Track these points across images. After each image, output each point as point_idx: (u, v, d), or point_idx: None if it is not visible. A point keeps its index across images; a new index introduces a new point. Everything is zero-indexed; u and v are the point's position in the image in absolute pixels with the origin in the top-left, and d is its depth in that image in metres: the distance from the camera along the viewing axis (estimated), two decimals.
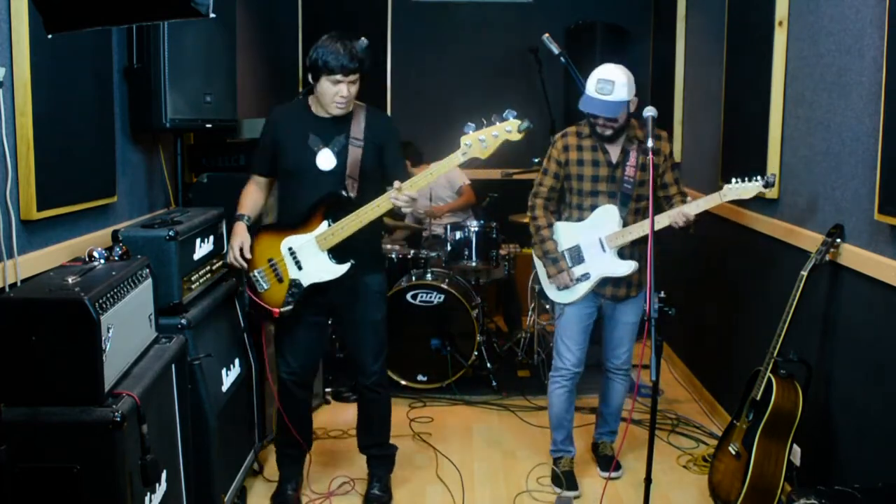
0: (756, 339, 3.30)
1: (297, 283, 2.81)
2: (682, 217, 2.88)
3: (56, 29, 1.62)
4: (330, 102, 2.74)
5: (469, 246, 4.46)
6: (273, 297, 2.83)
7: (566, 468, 3.24)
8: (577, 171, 3.10)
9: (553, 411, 3.27)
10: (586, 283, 3.09)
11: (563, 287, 3.12)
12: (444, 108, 5.78)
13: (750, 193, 2.78)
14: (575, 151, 3.10)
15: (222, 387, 2.81)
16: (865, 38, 2.46)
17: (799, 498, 1.93)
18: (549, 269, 3.13)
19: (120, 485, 1.88)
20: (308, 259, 2.81)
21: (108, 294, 1.98)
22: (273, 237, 2.83)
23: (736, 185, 2.79)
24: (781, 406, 2.64)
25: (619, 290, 3.14)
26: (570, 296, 3.13)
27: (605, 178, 3.06)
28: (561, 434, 3.28)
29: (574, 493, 3.15)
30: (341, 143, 2.82)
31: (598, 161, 3.07)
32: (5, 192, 2.20)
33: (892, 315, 2.34)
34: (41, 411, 1.87)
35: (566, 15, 5.48)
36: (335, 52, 2.66)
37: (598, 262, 3.07)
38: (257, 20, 5.09)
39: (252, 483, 3.22)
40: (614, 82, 2.92)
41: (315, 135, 2.82)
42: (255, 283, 2.84)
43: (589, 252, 3.08)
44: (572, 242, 3.11)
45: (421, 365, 4.22)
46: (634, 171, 3.02)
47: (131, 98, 3.03)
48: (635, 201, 3.06)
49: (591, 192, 3.08)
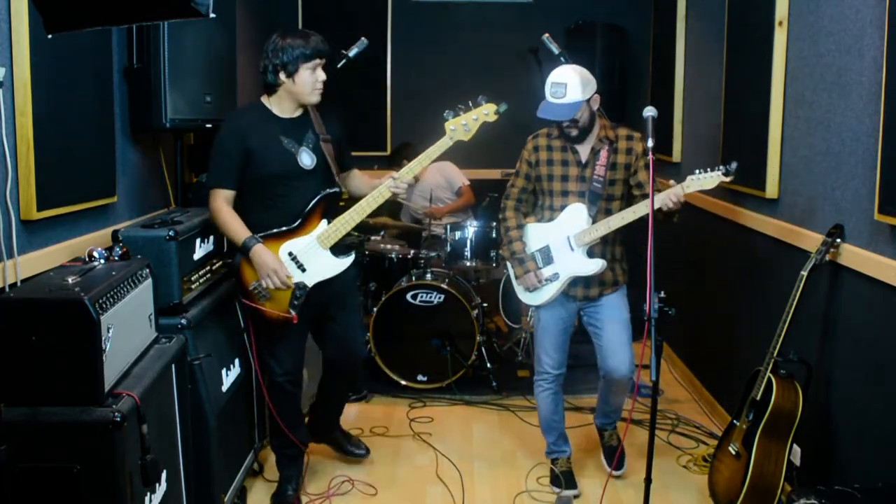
0: (756, 339, 3.30)
1: (301, 286, 2.82)
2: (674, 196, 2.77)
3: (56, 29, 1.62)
4: (311, 91, 2.78)
5: (469, 246, 4.46)
6: (277, 305, 2.83)
7: (564, 468, 3.24)
8: (547, 171, 3.11)
9: (541, 414, 3.27)
10: (556, 283, 3.06)
11: (532, 288, 3.10)
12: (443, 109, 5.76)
13: (712, 183, 2.75)
14: (545, 152, 3.12)
15: (222, 387, 2.81)
16: (865, 38, 2.46)
17: (799, 498, 1.93)
18: (517, 270, 3.12)
19: (120, 485, 1.88)
20: (310, 260, 2.83)
21: (108, 294, 1.98)
22: (269, 245, 2.80)
23: (697, 176, 2.76)
24: (781, 406, 2.64)
25: (591, 291, 3.10)
26: (540, 297, 3.11)
27: (574, 178, 3.07)
28: (552, 436, 3.28)
29: (573, 491, 3.15)
30: (312, 140, 2.86)
31: (567, 161, 3.08)
32: (5, 192, 2.21)
33: (892, 315, 2.34)
34: (41, 411, 1.87)
35: (566, 15, 5.47)
36: (305, 41, 2.72)
37: (567, 262, 3.05)
38: (257, 20, 5.09)
39: (252, 483, 3.22)
40: (566, 84, 2.92)
41: (285, 136, 2.82)
42: (258, 296, 2.82)
43: (558, 252, 3.06)
44: (542, 243, 3.10)
45: (421, 365, 4.22)
46: (604, 171, 3.01)
47: (131, 98, 3.03)
48: (605, 201, 3.04)
49: (561, 191, 3.09)
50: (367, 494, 3.17)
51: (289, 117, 2.86)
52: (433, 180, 5.12)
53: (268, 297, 2.83)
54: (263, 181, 2.82)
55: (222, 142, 2.80)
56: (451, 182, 5.15)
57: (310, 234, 2.82)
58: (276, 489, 3.11)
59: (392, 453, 3.54)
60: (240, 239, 2.77)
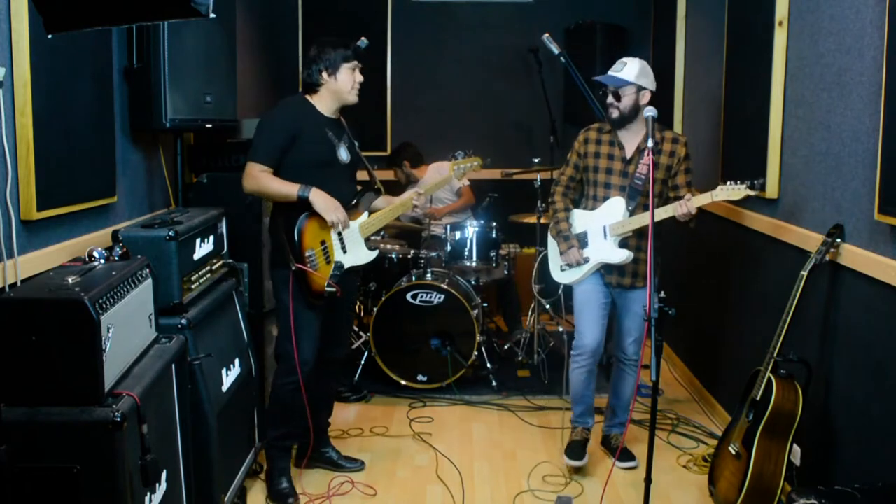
0: (756, 339, 3.30)
1: (339, 266, 3.01)
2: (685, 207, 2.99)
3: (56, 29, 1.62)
4: (351, 90, 3.03)
5: (469, 246, 4.46)
6: (320, 277, 2.94)
7: (577, 437, 3.42)
8: (594, 163, 3.32)
9: (573, 389, 3.44)
10: (585, 266, 3.30)
11: (575, 263, 3.31)
12: (444, 109, 5.79)
13: (739, 195, 2.92)
14: (594, 145, 3.33)
15: (222, 387, 2.81)
16: (865, 38, 2.46)
17: (799, 498, 1.93)
18: (562, 246, 3.36)
19: (120, 485, 1.88)
20: (351, 244, 3.07)
21: (108, 294, 1.98)
22: (324, 222, 2.95)
23: (728, 187, 2.95)
24: (781, 406, 2.64)
25: (624, 279, 3.29)
26: (572, 276, 3.36)
27: (617, 173, 3.27)
28: (580, 408, 3.46)
29: (579, 462, 3.30)
30: (347, 141, 3.12)
31: (613, 155, 3.29)
32: (5, 192, 2.21)
33: (892, 315, 2.34)
34: (41, 411, 1.87)
35: (566, 15, 5.48)
36: (345, 45, 2.98)
37: (599, 248, 3.27)
38: (257, 20, 5.09)
39: (252, 483, 3.21)
40: (627, 63, 3.20)
41: (329, 130, 3.03)
42: (310, 263, 2.93)
43: (593, 238, 3.29)
44: (582, 228, 3.34)
45: (421, 365, 4.22)
46: (646, 169, 3.16)
47: (131, 98, 3.03)
48: (644, 197, 3.17)
49: (604, 183, 3.30)
50: (367, 495, 3.16)
51: (330, 116, 3.06)
52: (432, 180, 5.11)
53: (316, 268, 2.94)
54: (307, 165, 2.94)
55: (273, 121, 2.97)
56: (451, 182, 5.15)
57: (355, 221, 3.08)
58: (271, 485, 3.10)
59: (392, 453, 3.54)
60: (293, 191, 2.88)
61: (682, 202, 3.00)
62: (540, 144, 5.34)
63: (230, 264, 3.17)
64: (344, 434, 3.70)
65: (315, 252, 2.94)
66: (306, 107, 3.02)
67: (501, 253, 4.57)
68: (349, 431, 3.74)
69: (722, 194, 2.94)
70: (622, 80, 3.15)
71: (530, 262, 4.92)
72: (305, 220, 2.92)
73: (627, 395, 3.44)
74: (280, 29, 5.61)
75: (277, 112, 3.02)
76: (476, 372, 4.34)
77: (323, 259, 2.97)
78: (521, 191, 4.99)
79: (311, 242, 2.94)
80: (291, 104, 3.05)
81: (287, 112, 2.99)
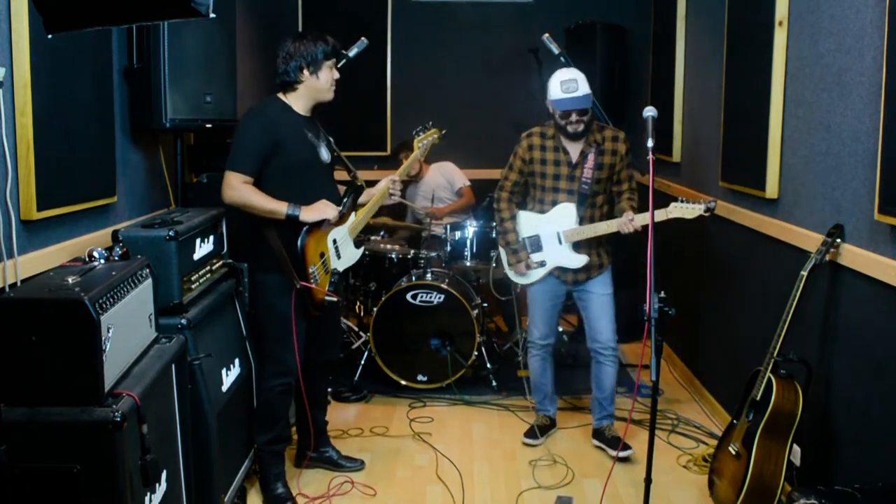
0: (756, 339, 3.30)
1: (336, 272, 3.05)
2: (631, 227, 3.19)
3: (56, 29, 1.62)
4: (329, 88, 2.96)
5: (469, 246, 4.46)
6: (320, 290, 2.95)
7: (539, 422, 3.67)
8: (539, 169, 3.42)
9: (532, 377, 3.71)
10: (542, 269, 3.47)
11: (521, 274, 3.52)
12: (444, 108, 5.78)
13: (693, 214, 3.11)
14: (538, 151, 3.42)
15: (222, 387, 2.81)
16: (865, 38, 2.46)
17: (799, 498, 1.93)
18: (510, 258, 3.52)
19: (120, 485, 1.88)
20: (344, 248, 3.09)
21: (108, 294, 1.98)
22: (320, 233, 2.95)
23: (681, 205, 3.12)
24: (781, 406, 2.64)
25: (579, 275, 3.46)
26: (527, 279, 3.52)
27: (565, 177, 3.39)
28: (539, 395, 3.71)
29: (535, 441, 3.57)
30: (324, 138, 3.07)
31: (559, 161, 3.39)
32: (5, 192, 2.21)
33: (892, 315, 2.34)
34: (41, 411, 1.87)
35: (566, 15, 5.47)
36: (325, 41, 2.90)
37: (555, 253, 3.44)
38: (257, 20, 5.09)
39: (252, 483, 3.21)
40: (577, 80, 3.23)
41: (308, 131, 2.97)
42: (313, 279, 2.92)
43: (547, 242, 3.45)
44: (533, 231, 3.47)
45: (421, 365, 4.22)
46: (591, 172, 3.33)
47: (131, 98, 3.03)
48: (592, 197, 3.38)
49: (552, 188, 3.42)
50: (367, 495, 3.16)
51: (305, 115, 3.00)
52: (434, 181, 5.12)
53: (317, 281, 2.94)
54: (290, 170, 2.89)
55: (249, 128, 2.84)
56: (452, 182, 5.16)
57: (345, 224, 3.08)
58: (267, 491, 3.06)
59: (392, 453, 3.54)
60: (281, 209, 2.81)
61: (627, 222, 3.18)
62: None
63: (230, 264, 3.17)
64: (344, 434, 3.70)
65: (317, 266, 2.94)
66: (280, 107, 2.92)
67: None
68: (349, 431, 3.74)
69: (675, 212, 3.11)
70: (587, 96, 3.24)
71: None
72: (306, 237, 2.87)
73: (609, 386, 3.52)
74: (280, 29, 5.60)
75: (256, 116, 2.88)
76: (476, 372, 4.34)
77: (323, 271, 2.98)
78: None
79: (313, 258, 2.93)
80: (269, 106, 2.92)
81: (266, 116, 2.87)
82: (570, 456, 3.49)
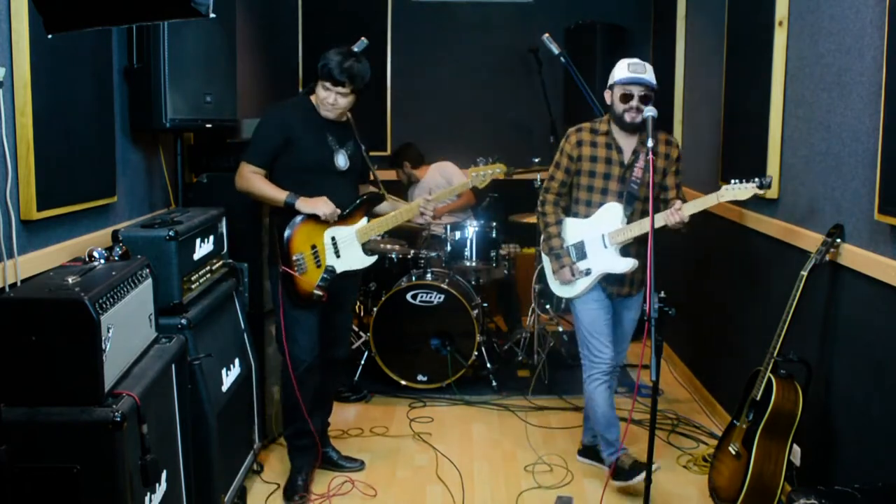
0: (756, 339, 3.30)
1: (331, 270, 3.01)
2: (678, 216, 2.90)
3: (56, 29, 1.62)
4: (323, 104, 2.97)
5: (469, 246, 4.46)
6: (307, 281, 2.95)
7: (631, 460, 3.11)
8: (588, 167, 3.11)
9: (600, 411, 3.14)
10: (587, 278, 3.12)
11: (566, 282, 3.16)
12: (444, 109, 5.79)
13: (746, 194, 2.82)
14: (588, 147, 3.10)
15: (222, 387, 2.81)
16: (865, 38, 2.46)
17: (799, 498, 1.93)
18: (554, 265, 3.18)
19: (120, 485, 1.88)
20: (346, 249, 3.05)
21: (108, 294, 1.98)
22: (315, 225, 2.97)
23: (733, 186, 2.83)
24: (781, 406, 2.64)
25: (623, 289, 3.19)
26: (572, 290, 3.17)
27: (616, 178, 3.08)
28: (614, 432, 3.14)
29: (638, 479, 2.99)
30: (352, 147, 3.10)
31: (611, 159, 3.09)
32: (5, 192, 2.20)
33: (892, 315, 2.34)
34: (41, 411, 1.87)
35: (566, 15, 5.48)
36: (331, 63, 2.89)
37: (600, 258, 3.10)
38: (257, 20, 5.09)
39: (252, 483, 3.22)
40: (645, 65, 3.01)
41: (331, 135, 3.01)
42: (297, 267, 2.94)
43: (592, 248, 3.11)
44: (577, 238, 3.15)
45: (421, 365, 4.22)
46: (642, 173, 3.03)
47: (131, 98, 3.03)
48: (642, 202, 3.06)
49: (601, 189, 3.10)
50: (367, 495, 3.16)
51: (333, 119, 3.03)
52: (433, 180, 5.12)
53: (304, 271, 2.95)
54: (299, 170, 2.97)
55: (266, 125, 3.00)
56: (451, 182, 5.14)
57: (352, 226, 3.06)
58: (287, 480, 3.15)
59: (392, 453, 3.54)
60: (281, 197, 2.93)
61: (674, 211, 2.90)
62: (540, 144, 5.34)
63: (230, 264, 3.17)
64: (344, 434, 3.70)
65: (304, 255, 2.96)
66: (306, 108, 3.01)
67: (501, 253, 4.57)
68: (349, 431, 3.74)
69: (728, 194, 2.84)
70: (654, 83, 3.00)
71: (530, 262, 4.92)
72: (298, 224, 2.94)
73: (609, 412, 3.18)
74: (280, 29, 5.61)
75: (273, 113, 3.03)
76: (476, 372, 4.34)
77: (313, 262, 2.98)
78: (520, 191, 4.98)
79: (301, 246, 2.96)
80: (289, 105, 3.06)
81: (281, 113, 3.00)
82: (570, 456, 3.49)
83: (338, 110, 2.99)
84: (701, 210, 2.92)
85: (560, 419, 3.88)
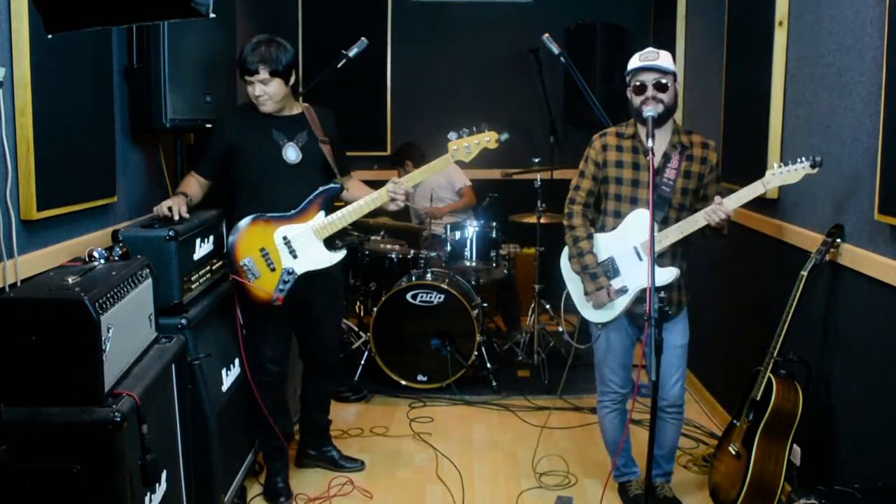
0: (756, 339, 3.30)
1: (290, 271, 2.86)
2: (720, 212, 2.59)
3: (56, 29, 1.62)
4: (256, 98, 2.87)
5: (469, 246, 4.46)
6: (265, 285, 2.86)
7: (638, 490, 3.01)
8: (615, 173, 2.82)
9: (609, 437, 3.03)
10: (625, 297, 2.78)
11: (601, 305, 2.81)
12: (444, 108, 5.78)
13: (796, 177, 2.53)
14: (614, 152, 2.83)
15: (222, 387, 2.81)
16: (865, 38, 2.46)
17: (799, 498, 1.93)
18: (588, 286, 2.81)
19: (120, 485, 1.88)
20: (303, 248, 2.88)
21: (108, 294, 1.98)
22: (264, 227, 2.87)
23: (780, 170, 2.54)
24: (781, 406, 2.64)
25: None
26: (609, 314, 2.81)
27: (645, 184, 2.76)
28: (623, 458, 3.06)
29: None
30: (305, 139, 2.96)
31: (639, 164, 2.79)
32: (5, 192, 2.20)
33: (892, 315, 2.34)
34: (41, 411, 1.87)
35: (566, 15, 5.48)
36: (243, 54, 2.83)
37: (635, 273, 2.76)
38: (257, 20, 5.09)
39: (252, 483, 3.22)
40: (658, 52, 2.71)
41: (277, 130, 2.94)
42: (246, 273, 2.85)
43: (624, 263, 2.79)
44: (605, 255, 2.82)
45: (421, 365, 4.22)
46: (675, 175, 2.75)
47: (131, 98, 3.03)
48: (676, 210, 2.78)
49: (630, 197, 2.80)
50: (368, 495, 3.16)
51: (284, 115, 2.96)
52: (434, 180, 5.12)
53: (256, 276, 2.86)
54: (248, 173, 2.93)
55: (211, 135, 3.01)
56: (452, 182, 5.16)
57: (306, 223, 2.89)
58: (265, 483, 3.13)
59: (392, 453, 3.54)
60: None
61: (715, 207, 2.58)
62: (540, 144, 5.34)
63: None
64: (344, 434, 3.70)
65: (252, 259, 2.85)
66: (247, 110, 2.96)
67: (501, 253, 4.57)
68: (349, 431, 3.74)
69: (775, 180, 2.54)
70: (668, 67, 2.67)
71: (530, 262, 4.92)
72: (243, 228, 2.86)
73: (670, 444, 2.98)
74: (280, 29, 5.59)
75: (216, 123, 3.04)
76: (476, 372, 4.34)
77: (265, 266, 2.85)
78: (521, 191, 4.98)
79: (248, 250, 2.85)
80: (230, 112, 3.07)
81: (222, 123, 3.01)
82: (570, 456, 3.49)
83: (270, 101, 2.85)
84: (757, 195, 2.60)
85: (560, 419, 3.88)
